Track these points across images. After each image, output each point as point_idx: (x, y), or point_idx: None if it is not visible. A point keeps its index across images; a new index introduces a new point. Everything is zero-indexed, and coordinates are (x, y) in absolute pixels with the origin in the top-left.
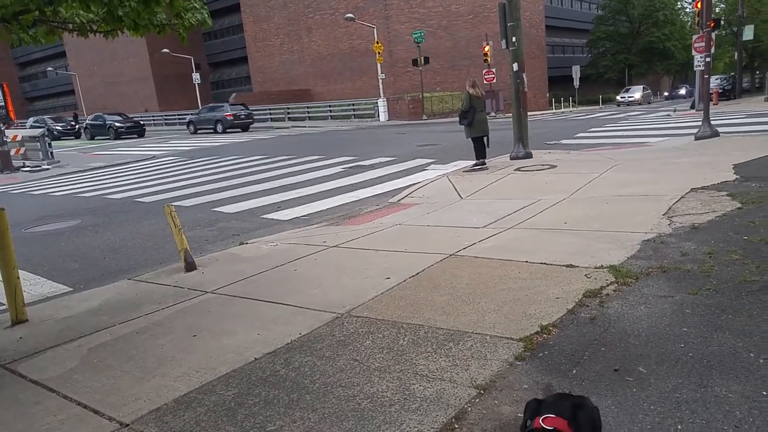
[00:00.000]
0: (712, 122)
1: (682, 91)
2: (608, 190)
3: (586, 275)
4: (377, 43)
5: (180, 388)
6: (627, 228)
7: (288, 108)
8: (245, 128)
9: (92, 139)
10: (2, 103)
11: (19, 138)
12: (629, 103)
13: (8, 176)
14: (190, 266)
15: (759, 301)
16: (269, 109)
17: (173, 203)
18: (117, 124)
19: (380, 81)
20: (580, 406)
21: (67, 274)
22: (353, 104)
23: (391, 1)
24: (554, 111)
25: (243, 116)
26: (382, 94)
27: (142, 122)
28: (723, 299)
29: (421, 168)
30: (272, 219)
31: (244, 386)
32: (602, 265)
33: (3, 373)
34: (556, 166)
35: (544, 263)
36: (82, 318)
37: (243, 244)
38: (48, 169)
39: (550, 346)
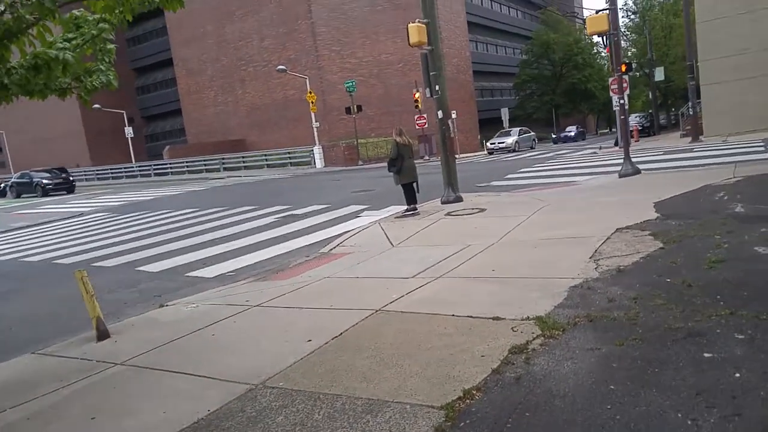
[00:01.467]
0: (633, 159)
1: (571, 133)
2: (537, 234)
3: (512, 328)
4: (310, 93)
5: None
6: (555, 273)
7: (223, 158)
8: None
9: (18, 197)
10: None
11: None
12: (503, 150)
13: None
14: (102, 335)
15: (684, 351)
16: (204, 161)
17: (95, 263)
18: (45, 181)
19: (315, 129)
20: None
21: None
22: (289, 152)
23: (322, 52)
24: (485, 152)
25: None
26: (317, 142)
27: (71, 178)
28: (649, 350)
29: (355, 215)
30: (197, 277)
31: None
32: (529, 317)
33: None
34: (486, 209)
35: (471, 316)
36: None
37: (162, 306)
38: None
39: (473, 414)
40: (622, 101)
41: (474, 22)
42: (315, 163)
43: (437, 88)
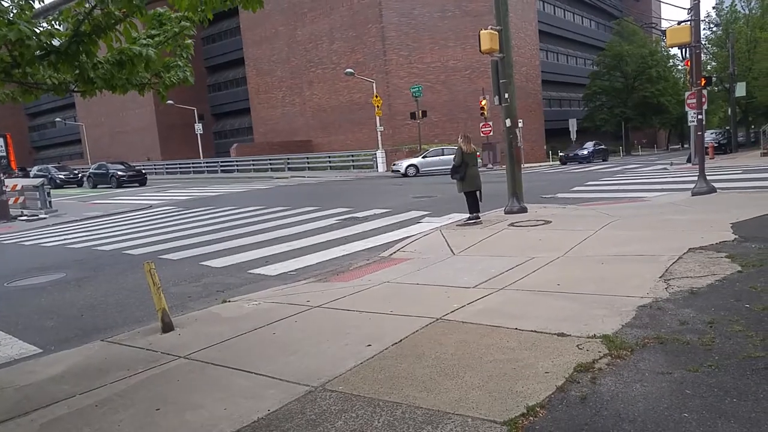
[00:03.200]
0: (709, 177)
1: (586, 151)
2: (604, 249)
3: (578, 346)
4: (376, 96)
5: None
6: (622, 291)
7: (288, 158)
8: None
9: (95, 187)
10: (4, 153)
11: (18, 187)
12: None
13: (4, 225)
14: (167, 327)
15: (765, 382)
16: (269, 160)
17: (162, 256)
18: (119, 173)
19: (379, 133)
20: None
21: (40, 333)
22: (352, 155)
23: (390, 57)
24: (551, 163)
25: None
26: (380, 146)
27: (143, 171)
28: (726, 378)
29: (415, 221)
30: (259, 274)
31: None
32: (595, 335)
33: None
34: (551, 222)
35: (535, 331)
36: (43, 386)
37: (225, 302)
38: (45, 218)
39: None
40: (699, 116)
41: (545, 31)
42: (377, 167)
43: (506, 95)
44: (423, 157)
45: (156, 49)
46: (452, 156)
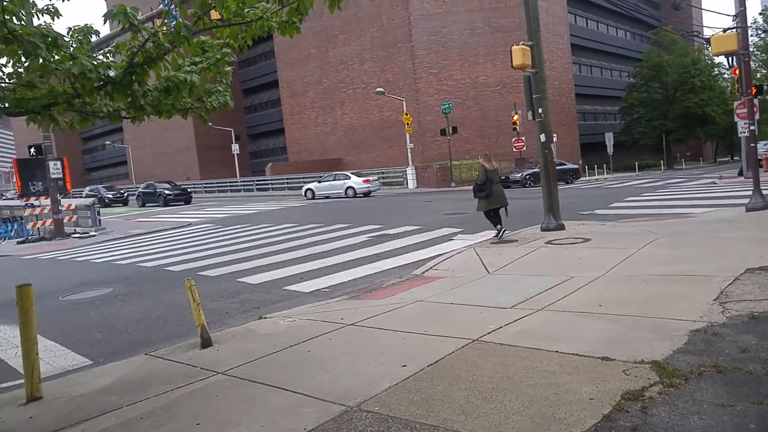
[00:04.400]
0: (765, 192)
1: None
2: (648, 268)
3: (624, 371)
4: (406, 114)
5: None
6: (671, 314)
7: (320, 176)
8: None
9: (143, 205)
10: (61, 175)
11: (72, 206)
12: None
13: (59, 242)
14: (205, 343)
15: None
16: (303, 178)
17: (200, 272)
18: (166, 191)
19: (409, 150)
20: None
21: (90, 346)
22: (383, 172)
23: (419, 75)
24: (587, 178)
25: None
26: (410, 163)
27: (189, 190)
28: None
29: (448, 238)
30: (294, 291)
31: None
32: (643, 360)
33: None
34: (590, 240)
35: (577, 354)
36: (93, 397)
37: (261, 318)
38: (95, 235)
39: None
40: (751, 127)
41: (577, 44)
42: (407, 184)
43: (540, 110)
44: (319, 182)
45: (199, 75)
46: (343, 181)
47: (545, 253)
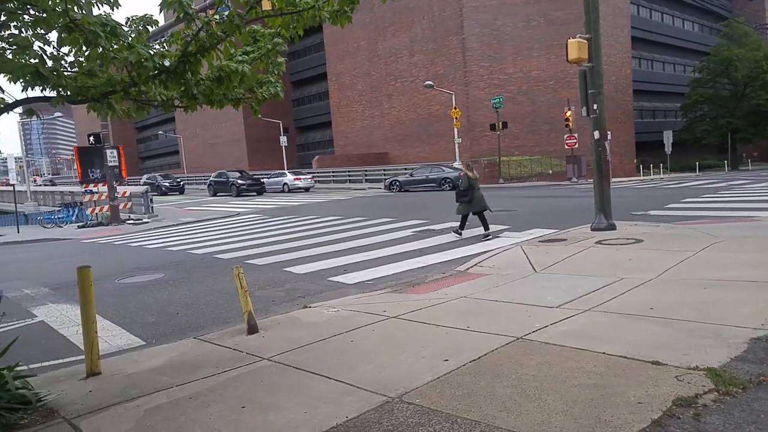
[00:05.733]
0: None
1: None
2: (705, 273)
3: (676, 377)
4: (455, 108)
5: None
6: (730, 320)
7: (366, 170)
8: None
9: (215, 195)
10: (117, 163)
11: (127, 194)
12: None
13: (115, 228)
14: (252, 329)
15: None
16: (348, 171)
17: (248, 261)
18: (239, 181)
19: (456, 145)
20: None
21: (143, 327)
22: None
23: (470, 68)
24: (642, 178)
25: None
26: (458, 158)
27: (262, 180)
28: None
29: (494, 235)
30: (338, 282)
31: None
32: (697, 366)
33: (67, 429)
34: (643, 241)
35: (625, 357)
36: (146, 375)
37: (306, 307)
38: (148, 222)
39: None
40: None
41: (639, 37)
42: None
43: (595, 107)
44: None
45: (250, 65)
46: (280, 179)
47: (595, 253)
